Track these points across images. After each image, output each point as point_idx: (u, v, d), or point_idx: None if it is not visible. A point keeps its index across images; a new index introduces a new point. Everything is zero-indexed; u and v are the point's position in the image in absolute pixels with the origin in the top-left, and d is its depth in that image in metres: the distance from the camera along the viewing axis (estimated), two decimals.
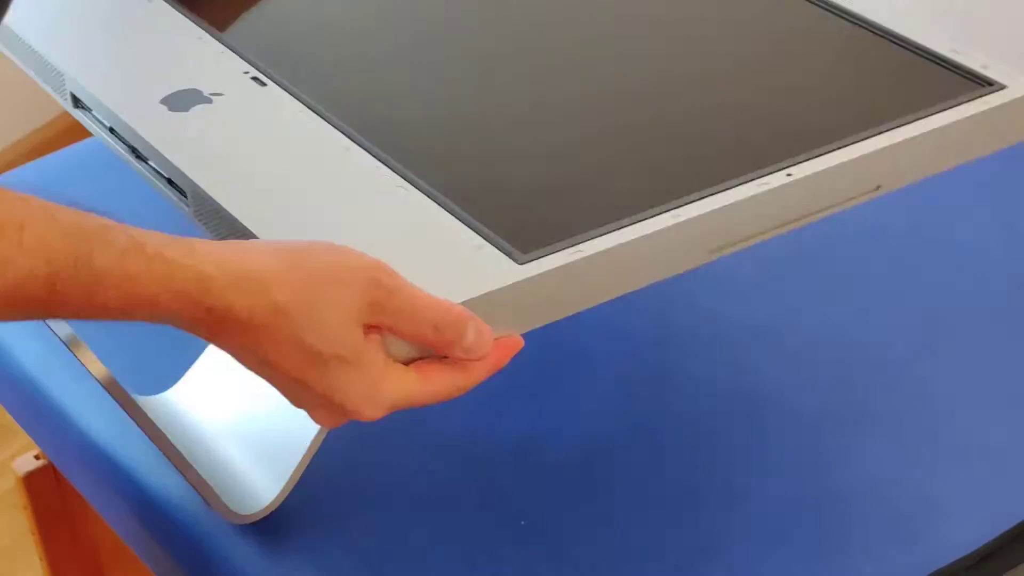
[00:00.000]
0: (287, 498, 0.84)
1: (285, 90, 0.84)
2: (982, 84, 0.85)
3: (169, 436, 0.84)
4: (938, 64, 0.87)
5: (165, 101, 0.83)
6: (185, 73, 0.86)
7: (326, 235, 0.73)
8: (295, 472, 0.83)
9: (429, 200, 0.76)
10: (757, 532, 0.86)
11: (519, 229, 0.74)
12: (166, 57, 0.89)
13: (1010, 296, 1.03)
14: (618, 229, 0.73)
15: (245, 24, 0.92)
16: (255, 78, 0.86)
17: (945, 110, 0.83)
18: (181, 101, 0.83)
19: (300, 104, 0.83)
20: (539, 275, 0.71)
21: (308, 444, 0.81)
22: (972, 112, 0.83)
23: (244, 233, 0.75)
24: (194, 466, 0.83)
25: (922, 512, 0.88)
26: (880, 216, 1.01)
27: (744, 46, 0.91)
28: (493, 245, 0.72)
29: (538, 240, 0.73)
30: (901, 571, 0.85)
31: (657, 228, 0.74)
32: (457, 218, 0.74)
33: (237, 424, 0.86)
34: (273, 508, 0.84)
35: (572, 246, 0.72)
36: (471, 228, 0.74)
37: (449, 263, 0.72)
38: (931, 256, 1.06)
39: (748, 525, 0.86)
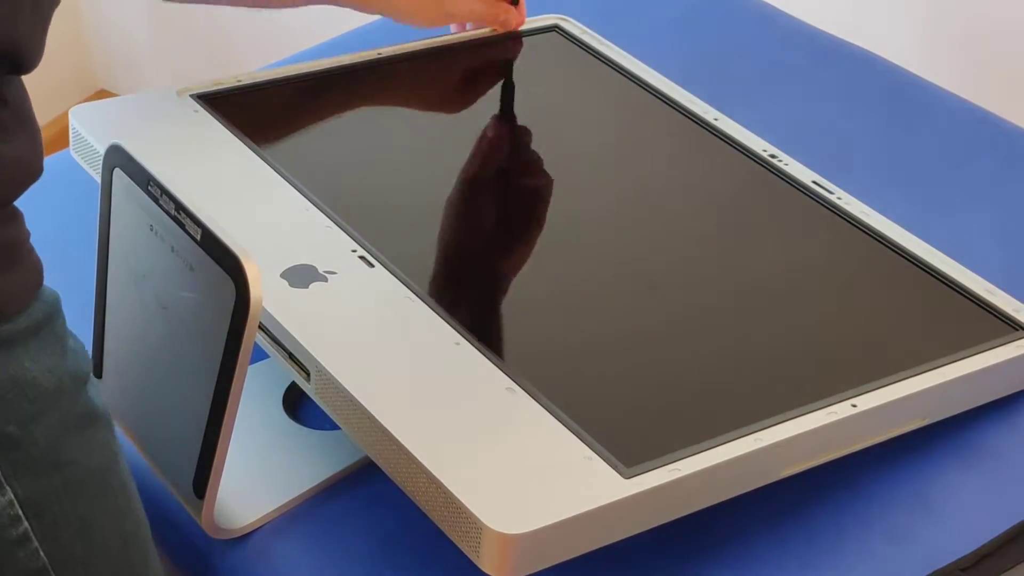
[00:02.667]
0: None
1: (392, 273, 0.92)
2: (1015, 328, 0.95)
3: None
4: (975, 304, 0.97)
5: (285, 275, 0.90)
6: (299, 247, 0.93)
7: (446, 430, 0.81)
8: (281, 507, 0.90)
9: (536, 404, 0.83)
10: (755, 533, 0.89)
11: (623, 444, 0.82)
12: (279, 226, 0.95)
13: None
14: (710, 449, 0.82)
15: (345, 194, 0.99)
16: (362, 257, 0.93)
17: (984, 351, 0.93)
18: (299, 277, 0.90)
19: (409, 291, 0.90)
20: (641, 491, 0.79)
21: (304, 488, 0.90)
22: (1007, 356, 0.93)
23: (367, 417, 0.82)
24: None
25: (918, 513, 0.90)
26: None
27: (809, 282, 1.01)
28: (601, 459, 0.80)
29: (641, 455, 0.81)
30: (897, 572, 0.87)
31: (742, 450, 0.82)
32: (565, 426, 0.82)
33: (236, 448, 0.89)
34: (249, 530, 0.89)
35: (671, 463, 0.81)
36: (579, 438, 0.81)
37: (559, 472, 0.80)
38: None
39: (746, 526, 0.89)
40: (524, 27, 1.22)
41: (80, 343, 0.79)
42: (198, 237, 0.79)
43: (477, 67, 1.18)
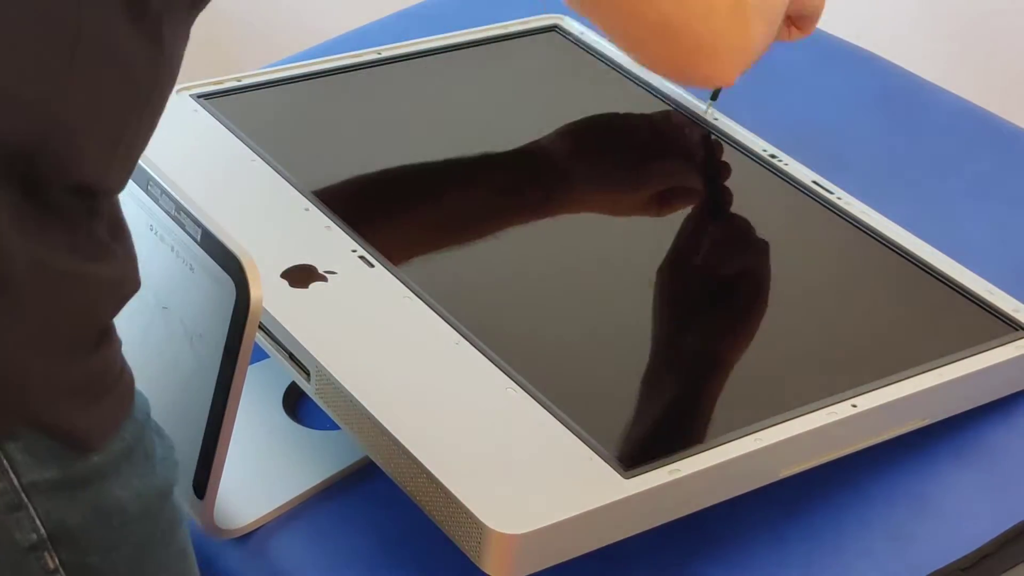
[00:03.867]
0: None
1: (392, 274, 0.92)
2: (1015, 328, 0.95)
3: None
4: (975, 304, 0.97)
5: (285, 275, 0.90)
6: (299, 247, 0.93)
7: (446, 430, 0.81)
8: (281, 507, 0.90)
9: (536, 404, 0.83)
10: (755, 533, 0.88)
11: (623, 444, 0.82)
12: (279, 226, 0.96)
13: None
14: (710, 449, 0.82)
15: (345, 194, 1.00)
16: (362, 257, 0.93)
17: (985, 351, 0.93)
18: (299, 277, 0.90)
19: (409, 291, 0.90)
20: (641, 492, 0.79)
21: (304, 488, 0.90)
22: (1007, 356, 0.93)
23: (367, 417, 0.82)
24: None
25: (919, 513, 0.90)
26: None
27: (809, 282, 1.01)
28: (601, 459, 0.80)
29: (641, 455, 0.81)
30: (898, 572, 0.87)
31: (742, 450, 0.82)
32: (565, 426, 0.82)
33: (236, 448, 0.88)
34: (249, 530, 0.89)
35: (671, 463, 0.81)
36: (579, 439, 0.81)
37: (559, 472, 0.80)
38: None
39: (746, 526, 0.88)
40: (523, 27, 1.22)
41: (168, 444, 0.74)
42: (198, 237, 0.79)
43: (477, 67, 1.18)
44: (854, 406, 0.87)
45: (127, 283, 0.69)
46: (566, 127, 1.13)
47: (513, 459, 0.80)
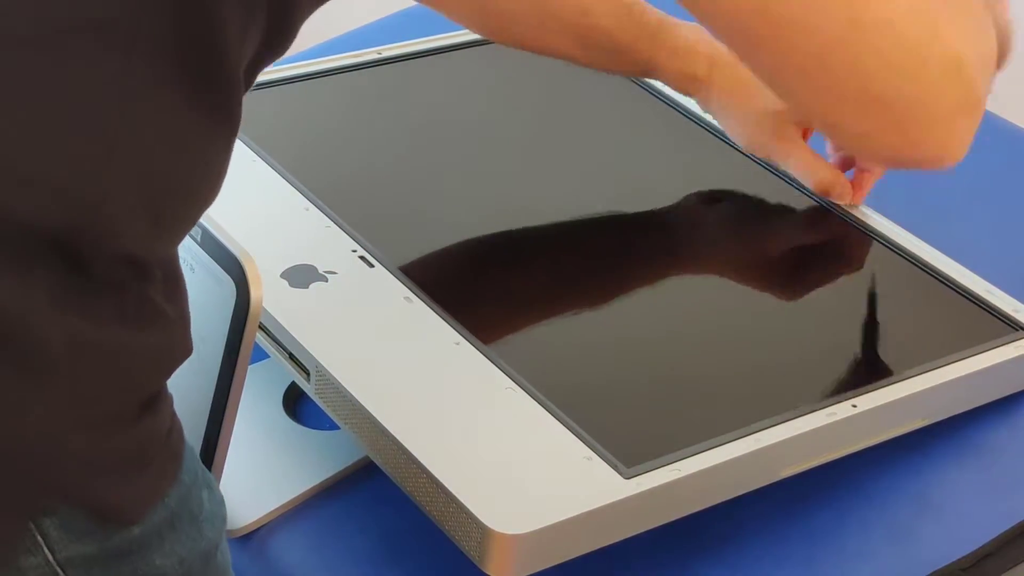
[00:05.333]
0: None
1: (392, 273, 0.92)
2: (1015, 328, 0.95)
3: None
4: (975, 304, 0.97)
5: (285, 275, 0.90)
6: (299, 247, 0.93)
7: (446, 429, 0.81)
8: (281, 507, 0.90)
9: (536, 404, 0.83)
10: (755, 533, 0.88)
11: (623, 443, 0.82)
12: (279, 226, 0.96)
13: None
14: (710, 449, 0.82)
15: (345, 194, 0.99)
16: (362, 257, 0.93)
17: (985, 351, 0.93)
18: (299, 277, 0.90)
19: (409, 291, 0.90)
20: (641, 492, 0.79)
21: (304, 488, 0.90)
22: (1007, 356, 0.93)
23: (367, 417, 0.82)
24: None
25: (919, 513, 0.91)
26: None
27: (810, 282, 1.02)
28: (601, 459, 0.80)
29: (641, 455, 0.81)
30: (898, 572, 0.87)
31: (742, 450, 0.82)
32: (565, 426, 0.82)
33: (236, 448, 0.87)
34: (249, 530, 0.89)
35: (671, 463, 0.81)
36: (579, 439, 0.81)
37: (559, 472, 0.80)
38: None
39: (746, 526, 0.89)
40: None
41: (218, 498, 0.71)
42: (198, 237, 0.79)
43: (477, 67, 1.18)
44: (854, 406, 0.87)
45: (177, 350, 0.66)
46: (569, 130, 1.13)
47: (513, 459, 0.80)
